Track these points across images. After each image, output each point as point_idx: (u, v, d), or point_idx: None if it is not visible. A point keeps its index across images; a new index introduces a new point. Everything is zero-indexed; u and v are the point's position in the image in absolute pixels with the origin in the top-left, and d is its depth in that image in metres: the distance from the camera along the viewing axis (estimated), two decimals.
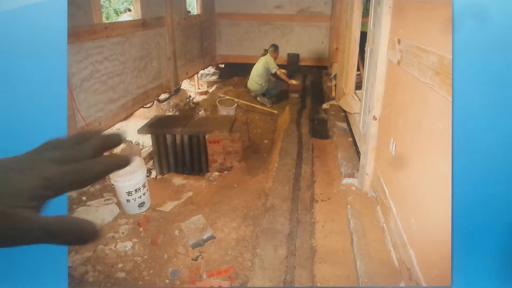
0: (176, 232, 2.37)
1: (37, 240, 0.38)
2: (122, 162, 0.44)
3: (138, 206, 2.60)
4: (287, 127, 4.13)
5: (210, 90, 6.74)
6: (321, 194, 2.65)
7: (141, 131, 3.79)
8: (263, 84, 5.72)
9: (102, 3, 5.37)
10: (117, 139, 0.45)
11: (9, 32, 1.18)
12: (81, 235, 0.40)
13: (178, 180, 3.32)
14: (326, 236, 2.17)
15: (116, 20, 8.11)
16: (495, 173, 1.13)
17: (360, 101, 3.10)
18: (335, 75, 4.94)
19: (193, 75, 6.57)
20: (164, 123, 3.95)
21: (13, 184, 0.37)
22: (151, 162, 4.15)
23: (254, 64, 5.84)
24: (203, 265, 2.05)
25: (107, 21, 6.40)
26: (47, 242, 0.38)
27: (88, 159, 0.42)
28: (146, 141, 4.76)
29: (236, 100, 5.42)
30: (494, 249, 1.15)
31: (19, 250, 1.20)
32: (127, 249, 2.18)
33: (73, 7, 3.08)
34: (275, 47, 5.82)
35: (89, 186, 2.68)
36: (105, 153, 0.45)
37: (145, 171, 2.72)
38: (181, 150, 3.75)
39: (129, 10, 6.97)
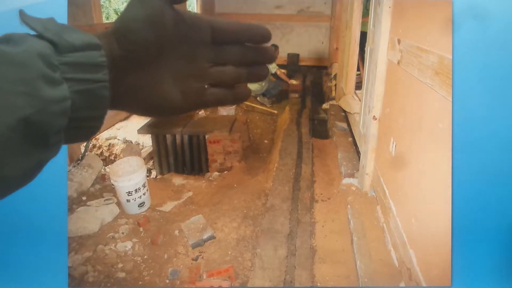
0: (176, 232, 2.37)
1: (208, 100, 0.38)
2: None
3: (138, 206, 2.60)
4: (287, 127, 4.12)
5: None
6: (321, 194, 2.65)
7: (141, 131, 3.79)
8: (263, 84, 5.71)
9: (102, 3, 5.38)
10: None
11: (9, 32, 1.18)
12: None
13: (178, 180, 3.32)
14: (326, 236, 2.17)
15: None
16: (495, 173, 1.13)
17: (360, 101, 3.10)
18: (335, 75, 4.94)
19: None
20: (164, 123, 3.95)
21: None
22: (151, 162, 4.15)
23: None
24: (203, 265, 2.05)
25: (107, 21, 6.40)
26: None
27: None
28: (146, 141, 4.76)
29: None
30: (494, 249, 1.15)
31: (19, 250, 1.20)
32: (127, 249, 2.18)
33: (73, 7, 3.08)
34: (275, 47, 5.81)
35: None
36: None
37: (145, 171, 2.72)
38: (181, 150, 3.75)
39: None
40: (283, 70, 5.89)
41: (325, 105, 4.80)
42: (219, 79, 0.39)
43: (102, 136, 4.88)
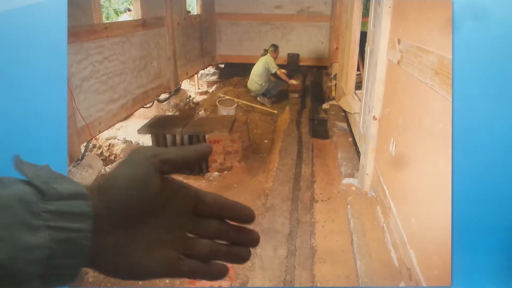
0: None
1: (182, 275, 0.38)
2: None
3: None
4: (287, 127, 4.13)
5: (210, 90, 6.74)
6: (321, 194, 2.65)
7: (141, 131, 3.79)
8: (263, 84, 5.71)
9: (102, 3, 5.39)
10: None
11: (9, 32, 1.18)
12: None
13: None
14: (326, 236, 2.17)
15: (116, 20, 8.10)
16: (495, 173, 1.13)
17: (360, 101, 3.10)
18: (335, 75, 4.94)
19: (193, 75, 6.56)
20: (164, 123, 3.95)
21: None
22: None
23: (254, 64, 5.84)
24: None
25: (107, 21, 6.41)
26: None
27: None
28: (146, 141, 4.76)
29: (236, 100, 5.42)
30: (494, 249, 1.15)
31: None
32: None
33: (73, 7, 3.08)
34: (275, 47, 5.81)
35: None
36: None
37: None
38: None
39: (129, 10, 6.96)
40: (283, 70, 5.89)
41: (325, 105, 4.80)
42: (195, 252, 0.38)
43: (102, 136, 4.88)
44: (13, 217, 0.28)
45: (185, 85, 6.96)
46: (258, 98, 5.75)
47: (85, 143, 3.19)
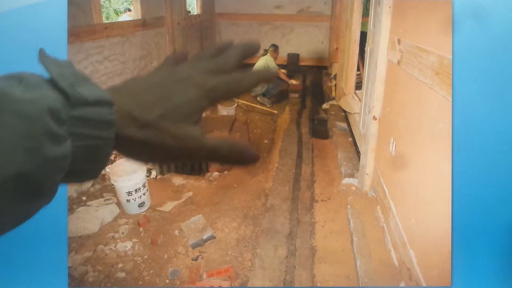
0: (176, 232, 2.37)
1: (200, 160, 0.40)
2: (269, 75, 0.43)
3: (138, 206, 2.60)
4: (287, 127, 4.12)
5: None
6: (321, 194, 2.65)
7: None
8: (263, 84, 5.71)
9: (102, 3, 5.37)
10: (255, 48, 0.44)
11: (9, 32, 1.18)
12: (241, 158, 0.40)
13: (178, 180, 3.31)
14: (326, 236, 2.17)
15: (116, 20, 8.10)
16: (495, 173, 1.13)
17: (360, 101, 3.10)
18: (335, 75, 4.94)
19: None
20: None
21: (176, 97, 0.36)
22: None
23: (254, 64, 5.84)
24: (203, 265, 2.05)
25: (107, 21, 6.40)
26: (208, 161, 0.40)
27: (234, 69, 0.42)
28: None
29: (236, 100, 5.42)
30: (494, 249, 1.15)
31: (18, 250, 1.20)
32: (127, 249, 2.18)
33: (73, 7, 3.08)
34: (275, 47, 5.81)
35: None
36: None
37: (145, 171, 2.72)
38: None
39: (129, 10, 6.96)
40: (283, 70, 5.89)
41: (325, 105, 4.80)
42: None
43: None
44: (41, 128, 0.27)
45: None
46: (258, 98, 5.75)
47: None
